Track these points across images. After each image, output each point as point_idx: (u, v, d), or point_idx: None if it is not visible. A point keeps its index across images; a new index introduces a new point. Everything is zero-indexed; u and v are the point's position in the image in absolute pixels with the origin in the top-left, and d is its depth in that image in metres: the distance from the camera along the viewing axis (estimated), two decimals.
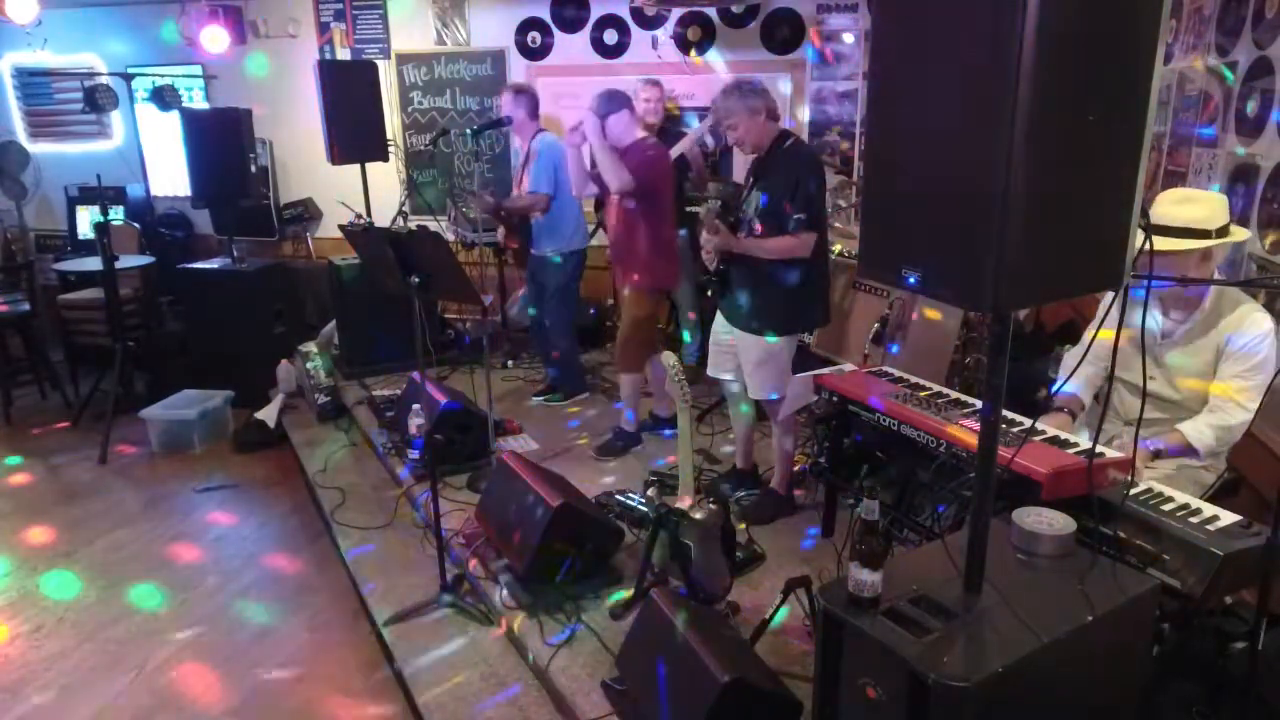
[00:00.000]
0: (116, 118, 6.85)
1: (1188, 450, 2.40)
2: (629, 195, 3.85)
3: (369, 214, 5.43)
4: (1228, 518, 1.96)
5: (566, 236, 4.59)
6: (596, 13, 5.93)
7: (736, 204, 3.45)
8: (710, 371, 3.65)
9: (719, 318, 3.54)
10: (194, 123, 5.34)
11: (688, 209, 4.91)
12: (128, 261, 5.61)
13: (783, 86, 5.60)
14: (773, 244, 3.21)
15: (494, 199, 4.83)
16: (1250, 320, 2.39)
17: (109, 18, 6.69)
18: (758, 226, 3.27)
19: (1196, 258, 2.36)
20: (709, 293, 3.51)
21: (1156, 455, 2.40)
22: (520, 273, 5.11)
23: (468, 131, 4.07)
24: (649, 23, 5.86)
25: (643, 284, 4.01)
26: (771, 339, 3.31)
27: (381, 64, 5.89)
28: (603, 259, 4.54)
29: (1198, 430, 2.38)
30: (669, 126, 5.04)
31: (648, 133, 4.92)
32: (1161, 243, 2.27)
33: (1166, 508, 2.00)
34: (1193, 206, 2.37)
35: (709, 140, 5.25)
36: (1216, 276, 2.51)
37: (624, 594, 3.01)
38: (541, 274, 4.74)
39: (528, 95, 4.68)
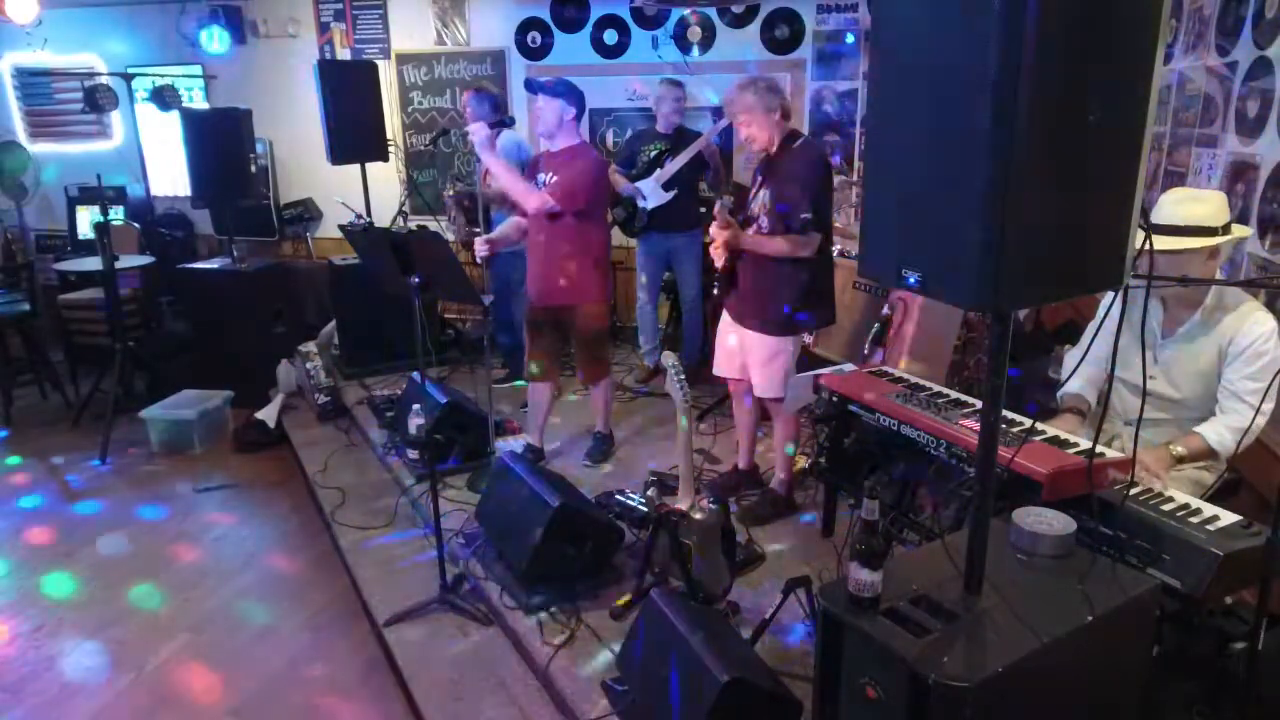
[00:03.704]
0: (116, 118, 6.85)
1: (1209, 454, 2.40)
2: (578, 211, 3.63)
3: (369, 214, 5.43)
4: (1228, 518, 1.96)
5: None
6: (596, 13, 5.93)
7: (742, 202, 3.46)
8: (717, 370, 3.65)
9: (725, 316, 3.55)
10: (194, 123, 5.33)
11: (702, 209, 4.91)
12: (128, 261, 5.61)
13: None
14: (780, 242, 3.21)
15: (462, 193, 5.00)
16: (1253, 320, 2.39)
17: (109, 18, 6.69)
18: (764, 224, 3.28)
19: (1203, 256, 2.36)
20: (715, 290, 3.50)
21: (1179, 461, 2.39)
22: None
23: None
24: (649, 23, 5.86)
25: (599, 297, 3.88)
26: (777, 337, 3.32)
27: (381, 64, 5.90)
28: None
29: (1217, 433, 2.38)
30: (685, 126, 5.03)
31: (668, 132, 4.93)
32: (1169, 242, 2.28)
33: (1166, 508, 2.00)
34: (1197, 205, 2.37)
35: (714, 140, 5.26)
36: (1219, 275, 2.51)
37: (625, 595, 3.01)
38: (505, 267, 4.85)
39: (487, 94, 4.82)
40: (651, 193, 4.78)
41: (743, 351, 3.47)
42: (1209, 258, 2.38)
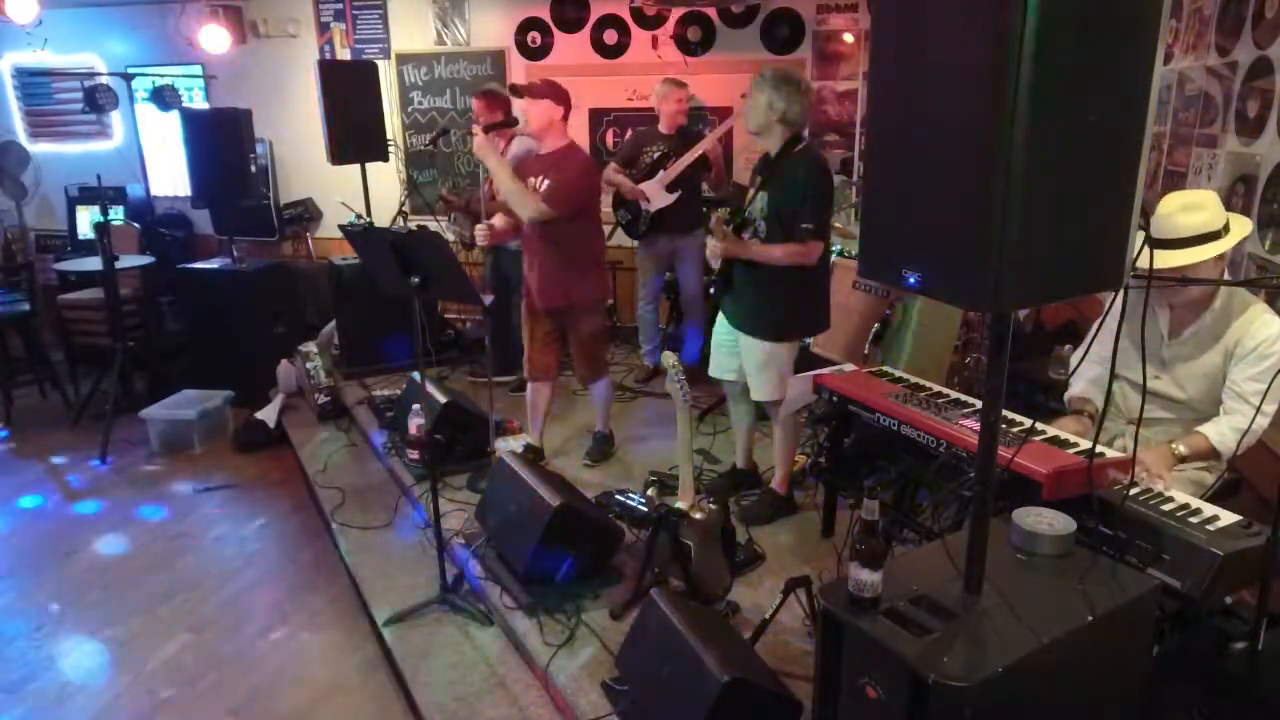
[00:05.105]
0: (116, 118, 6.85)
1: (1211, 454, 2.40)
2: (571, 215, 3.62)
3: (369, 214, 5.43)
4: (1228, 518, 1.96)
5: None
6: (596, 13, 5.93)
7: (740, 204, 3.45)
8: (712, 372, 3.64)
9: (721, 319, 3.54)
10: (194, 123, 5.34)
11: (705, 209, 4.91)
12: (128, 261, 5.61)
13: None
14: (779, 251, 3.20)
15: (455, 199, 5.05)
16: (1260, 322, 2.39)
17: (109, 18, 6.69)
18: (762, 228, 3.27)
19: (1211, 260, 2.36)
20: (711, 292, 3.50)
21: (1181, 460, 2.39)
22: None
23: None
24: (649, 23, 5.86)
25: (596, 297, 3.91)
26: (773, 343, 3.31)
27: (381, 64, 5.90)
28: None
29: (1220, 434, 2.37)
30: (688, 126, 5.03)
31: (670, 133, 4.92)
32: (1179, 256, 2.28)
33: (1166, 508, 2.00)
34: (1198, 212, 2.36)
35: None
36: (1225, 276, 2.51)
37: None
38: (504, 262, 4.91)
39: (499, 99, 4.82)
40: (656, 195, 4.78)
41: (738, 354, 3.47)
42: (1217, 261, 2.39)
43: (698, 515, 2.80)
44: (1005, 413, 2.13)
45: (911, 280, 1.50)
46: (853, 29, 5.53)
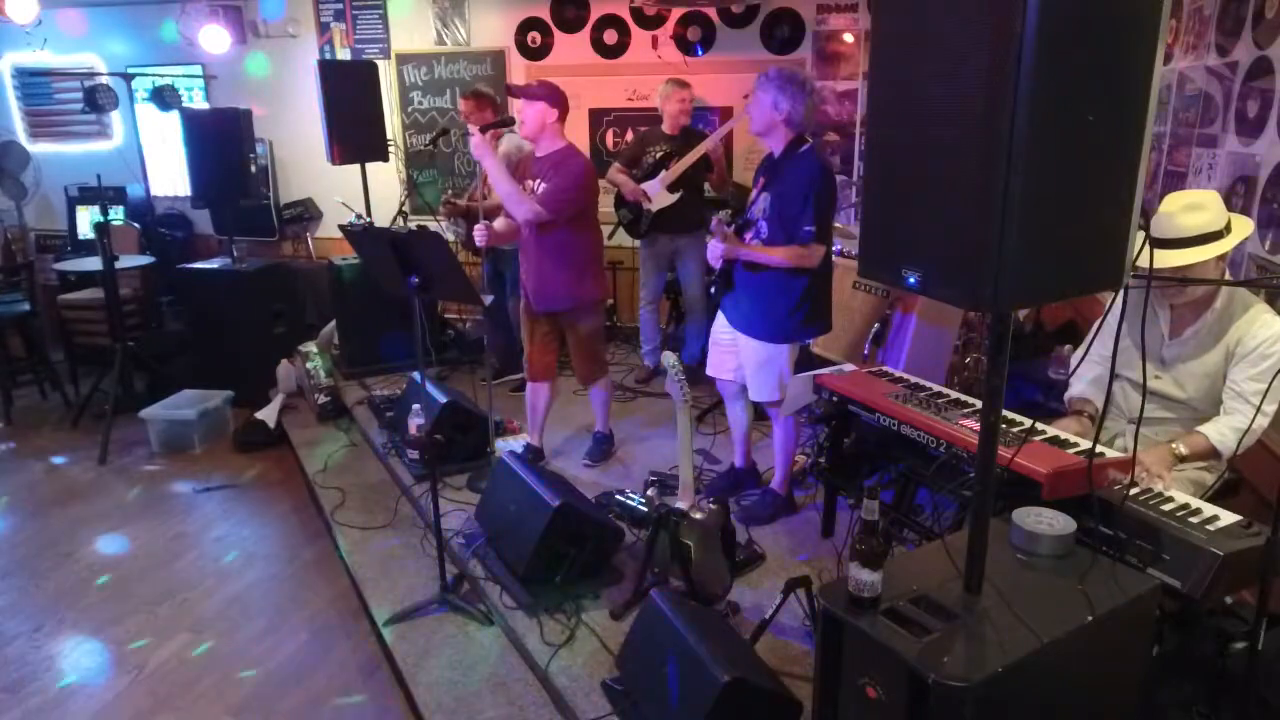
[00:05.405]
0: (116, 118, 6.86)
1: (1211, 453, 2.40)
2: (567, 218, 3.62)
3: (369, 214, 5.43)
4: (1228, 518, 1.96)
5: None
6: (596, 13, 5.93)
7: (742, 205, 3.44)
8: (710, 371, 3.64)
9: (720, 318, 3.54)
10: (194, 123, 5.34)
11: (706, 209, 4.91)
12: (128, 261, 5.61)
13: None
14: (781, 254, 3.19)
15: (460, 202, 5.09)
16: (1261, 322, 2.39)
17: (109, 18, 6.69)
18: (764, 230, 3.27)
19: (1212, 260, 2.36)
20: (712, 290, 3.50)
21: (1181, 460, 2.39)
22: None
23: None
24: (649, 23, 5.86)
25: (594, 298, 3.89)
26: (773, 344, 3.31)
27: (381, 64, 5.90)
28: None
29: (1220, 433, 2.38)
30: (691, 127, 5.03)
31: (674, 133, 4.92)
32: (1181, 256, 2.29)
33: (1166, 508, 2.00)
34: (1200, 213, 2.36)
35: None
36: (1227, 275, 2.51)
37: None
38: (501, 263, 4.96)
39: (486, 98, 4.84)
40: (657, 195, 4.78)
41: (737, 354, 3.46)
42: (1219, 260, 2.39)
43: (698, 515, 2.80)
44: (1005, 413, 2.13)
45: (911, 280, 1.50)
46: (853, 29, 5.53)
